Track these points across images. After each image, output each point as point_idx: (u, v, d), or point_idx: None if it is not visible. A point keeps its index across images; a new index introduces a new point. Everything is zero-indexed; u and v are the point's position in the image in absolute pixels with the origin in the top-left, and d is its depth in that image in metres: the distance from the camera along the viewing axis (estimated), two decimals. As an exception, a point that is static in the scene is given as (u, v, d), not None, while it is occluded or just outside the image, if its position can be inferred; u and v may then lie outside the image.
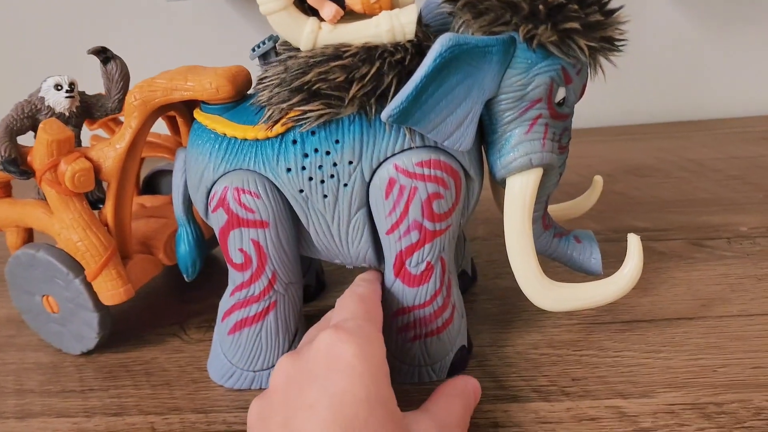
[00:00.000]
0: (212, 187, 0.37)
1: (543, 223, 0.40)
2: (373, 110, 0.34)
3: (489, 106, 0.36)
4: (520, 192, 0.37)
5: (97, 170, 0.41)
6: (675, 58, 0.78)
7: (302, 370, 0.32)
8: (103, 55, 0.43)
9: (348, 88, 0.34)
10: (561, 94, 0.36)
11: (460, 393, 0.36)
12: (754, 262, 0.49)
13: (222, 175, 0.37)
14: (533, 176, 0.37)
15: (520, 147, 0.36)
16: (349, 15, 0.35)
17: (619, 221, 0.56)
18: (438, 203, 0.36)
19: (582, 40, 0.34)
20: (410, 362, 0.40)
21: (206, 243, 0.42)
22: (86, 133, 0.47)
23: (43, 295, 0.44)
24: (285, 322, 0.40)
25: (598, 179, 0.47)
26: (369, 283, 0.38)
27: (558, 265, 0.43)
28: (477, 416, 0.37)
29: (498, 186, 0.39)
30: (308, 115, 0.34)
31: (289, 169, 0.36)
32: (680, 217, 0.56)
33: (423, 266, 0.37)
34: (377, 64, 0.33)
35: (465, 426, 0.35)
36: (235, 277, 0.39)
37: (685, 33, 0.76)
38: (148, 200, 0.52)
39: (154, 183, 0.54)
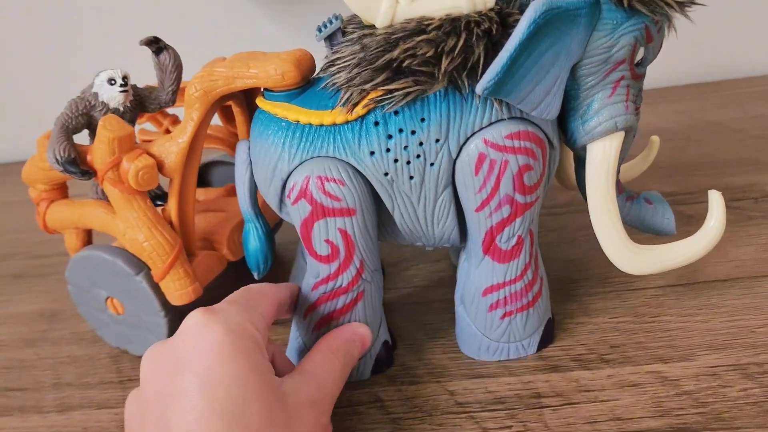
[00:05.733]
0: (288, 178, 0.35)
1: (618, 187, 0.39)
2: (465, 84, 0.33)
3: (572, 72, 0.35)
4: (604, 157, 0.36)
5: (159, 166, 0.40)
6: (685, 20, 0.76)
7: (169, 356, 0.30)
8: (156, 45, 0.41)
9: (437, 62, 0.32)
10: (641, 53, 0.35)
11: (341, 347, 0.35)
12: (783, 220, 0.49)
13: (299, 165, 0.35)
14: (617, 140, 0.36)
15: (604, 111, 0.35)
16: None
17: (643, 186, 0.55)
18: (529, 175, 0.35)
19: None
20: (500, 339, 0.39)
21: (274, 238, 0.41)
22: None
23: (108, 297, 0.43)
24: (373, 310, 0.39)
25: (655, 139, 0.46)
26: (273, 285, 0.37)
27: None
28: (518, 387, 0.37)
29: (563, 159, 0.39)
30: (394, 94, 0.33)
31: (372, 153, 0.34)
32: (705, 179, 0.55)
33: (514, 240, 0.37)
34: (464, 35, 0.32)
35: (343, 381, 0.35)
36: (319, 270, 0.37)
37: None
38: (201, 193, 0.51)
39: (205, 175, 0.53)
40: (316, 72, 0.37)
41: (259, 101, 0.37)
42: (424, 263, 0.50)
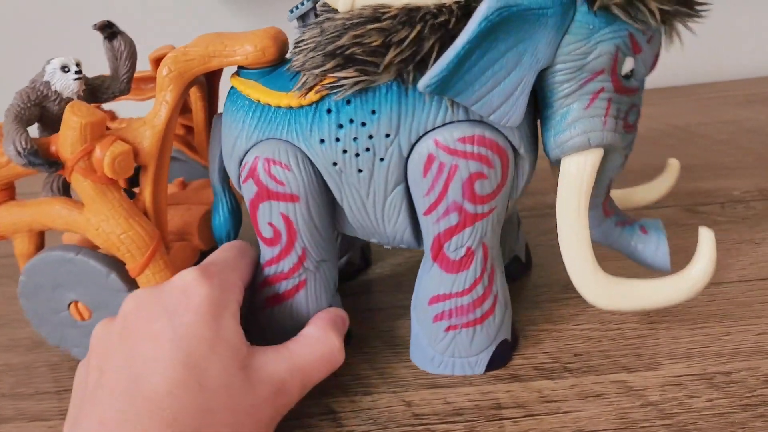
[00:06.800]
0: (244, 156, 0.35)
1: (604, 209, 0.36)
2: (411, 78, 0.31)
3: (544, 77, 0.32)
4: (576, 175, 0.33)
5: (134, 153, 0.38)
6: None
7: (156, 302, 0.32)
8: (110, 30, 0.39)
9: (384, 53, 0.31)
10: (629, 65, 0.32)
11: (328, 343, 0.35)
12: (749, 226, 0.48)
13: (254, 145, 0.34)
14: (592, 157, 0.33)
15: (578, 124, 0.32)
16: None
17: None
18: (481, 183, 0.33)
19: (653, 2, 0.30)
20: (445, 352, 0.37)
21: (241, 214, 0.40)
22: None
23: (70, 302, 0.40)
24: (316, 301, 0.38)
25: (673, 162, 0.42)
26: (249, 247, 0.38)
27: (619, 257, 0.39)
28: (477, 398, 0.36)
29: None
30: (342, 82, 0.32)
31: (322, 140, 0.33)
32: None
33: (462, 251, 0.34)
34: (418, 27, 0.30)
35: (318, 374, 0.34)
36: (264, 252, 0.37)
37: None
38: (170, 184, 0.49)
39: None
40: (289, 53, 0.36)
41: (233, 78, 0.36)
42: (383, 264, 0.48)
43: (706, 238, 0.34)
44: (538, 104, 0.34)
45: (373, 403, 0.36)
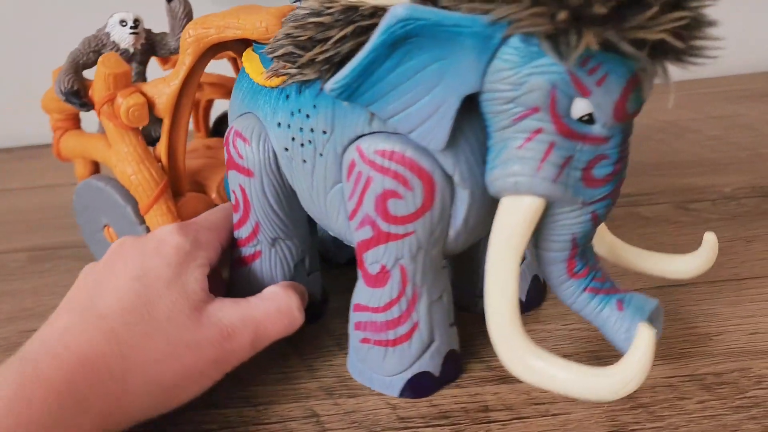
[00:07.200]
0: (233, 123, 0.37)
1: (568, 268, 0.31)
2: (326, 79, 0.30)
3: (480, 103, 0.29)
4: (506, 220, 0.29)
5: (151, 106, 0.42)
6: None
7: (134, 247, 0.36)
8: None
9: (311, 48, 0.30)
10: (581, 107, 0.27)
11: (285, 299, 0.36)
12: (741, 223, 0.48)
13: (240, 115, 0.36)
14: (526, 204, 0.29)
15: (508, 164, 0.28)
16: None
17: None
18: (394, 203, 0.31)
19: (593, 33, 0.24)
20: (364, 363, 0.36)
21: None
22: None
23: (104, 225, 0.46)
24: (270, 275, 0.39)
25: (711, 238, 0.35)
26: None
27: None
28: (464, 400, 0.35)
29: None
30: (283, 71, 0.32)
31: (279, 124, 0.34)
32: (663, 180, 0.54)
33: (377, 267, 0.33)
34: (348, 27, 0.29)
35: (274, 327, 0.35)
36: (233, 216, 0.39)
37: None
38: (214, 142, 0.52)
39: (221, 126, 0.55)
40: None
41: (247, 51, 0.38)
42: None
43: (643, 332, 0.28)
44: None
45: (358, 406, 0.35)
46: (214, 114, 0.55)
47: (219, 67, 0.49)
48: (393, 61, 0.28)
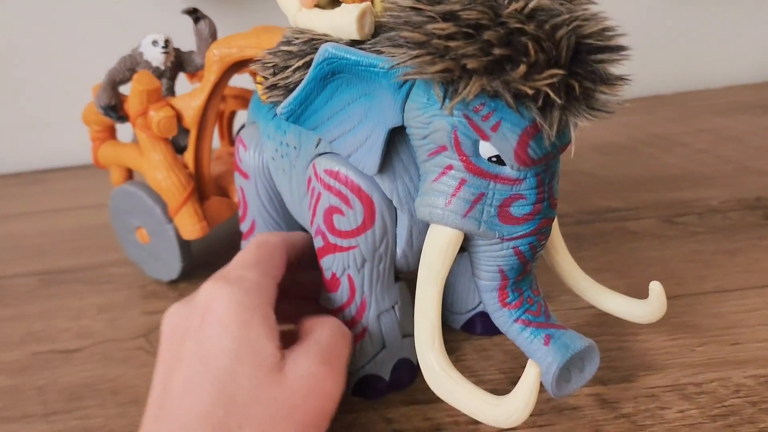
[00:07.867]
0: None
1: (500, 298, 0.32)
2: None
3: (407, 136, 0.31)
4: (428, 246, 0.31)
5: (180, 118, 0.46)
6: (635, 33, 0.77)
7: (183, 322, 0.33)
8: (195, 15, 0.47)
9: (276, 74, 0.33)
10: (487, 148, 0.28)
11: (346, 332, 0.35)
12: (726, 236, 0.49)
13: (247, 125, 0.42)
14: (443, 234, 0.30)
15: (426, 194, 0.30)
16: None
17: (590, 202, 0.55)
18: (338, 218, 0.34)
19: (480, 81, 0.25)
20: None
21: None
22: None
23: (137, 227, 0.50)
24: None
25: (656, 287, 0.36)
26: (277, 235, 0.38)
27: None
28: (456, 413, 0.36)
29: None
30: (261, 92, 0.35)
31: (269, 135, 0.38)
32: (651, 194, 0.55)
33: (329, 274, 0.36)
34: (306, 58, 0.31)
35: (343, 351, 0.33)
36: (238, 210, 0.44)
37: (644, 6, 0.76)
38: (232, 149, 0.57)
39: None
40: None
41: None
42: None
43: (530, 373, 0.29)
44: None
45: (354, 421, 0.37)
46: (237, 124, 0.58)
47: (242, 80, 0.53)
48: (328, 92, 0.31)
